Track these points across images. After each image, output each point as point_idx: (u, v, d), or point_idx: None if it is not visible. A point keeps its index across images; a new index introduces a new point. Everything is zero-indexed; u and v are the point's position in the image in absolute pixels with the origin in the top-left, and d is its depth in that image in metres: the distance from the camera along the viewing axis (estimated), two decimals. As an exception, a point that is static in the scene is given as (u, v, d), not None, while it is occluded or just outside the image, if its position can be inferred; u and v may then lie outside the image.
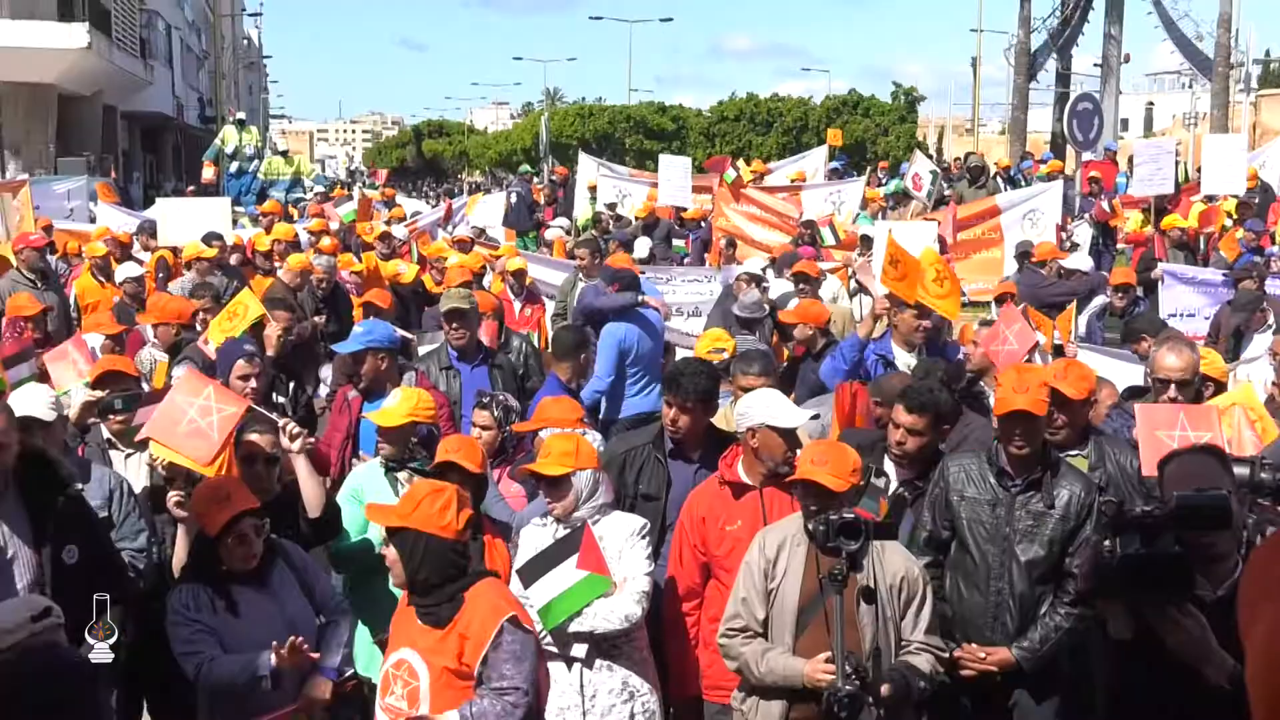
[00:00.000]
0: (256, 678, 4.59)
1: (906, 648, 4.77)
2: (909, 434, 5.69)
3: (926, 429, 5.69)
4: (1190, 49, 33.00)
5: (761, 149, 55.19)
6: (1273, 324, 10.25)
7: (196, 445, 5.34)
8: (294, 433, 5.62)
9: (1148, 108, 72.54)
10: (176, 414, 5.44)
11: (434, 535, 4.30)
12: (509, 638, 4.24)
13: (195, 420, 5.39)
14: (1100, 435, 5.99)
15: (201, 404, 5.43)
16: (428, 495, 4.40)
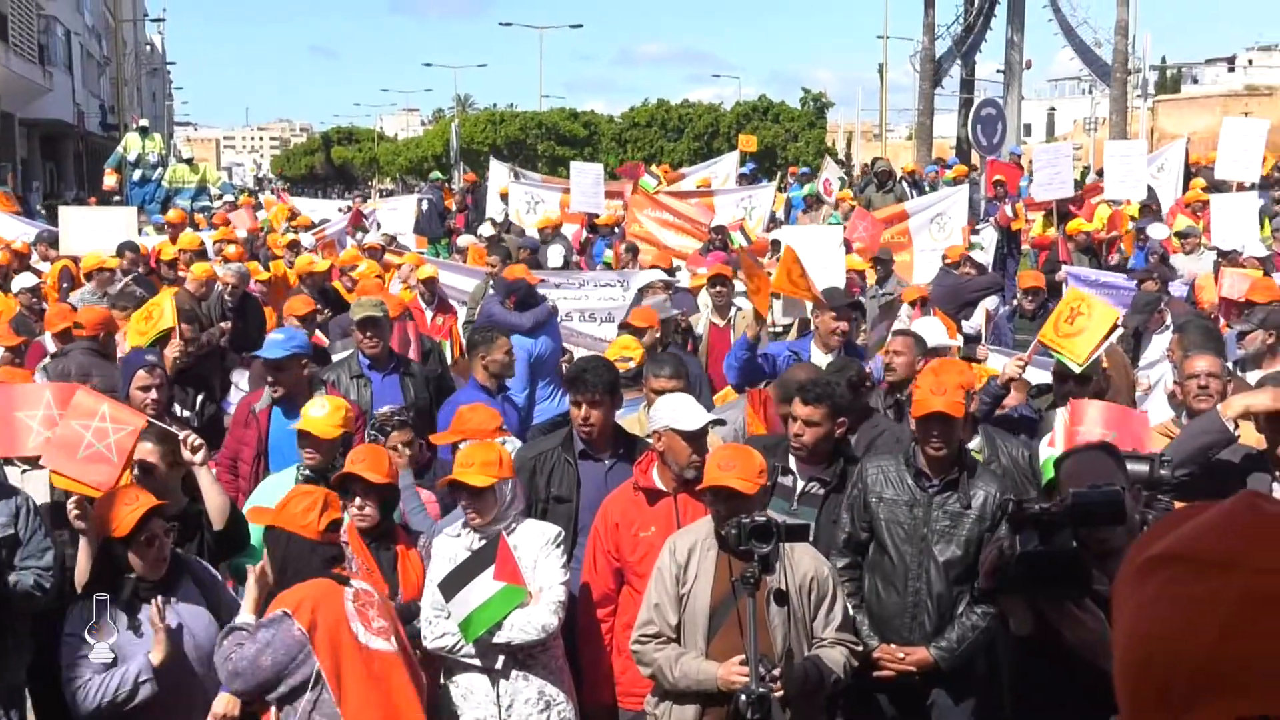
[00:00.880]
0: (136, 685, 4.57)
1: (820, 644, 4.83)
2: (806, 425, 5.67)
3: (823, 420, 5.67)
4: (1089, 55, 33.70)
5: (673, 155, 55.41)
6: (1170, 325, 10.49)
7: (97, 470, 5.17)
8: (194, 444, 5.55)
9: (1050, 113, 74.02)
10: (73, 438, 5.25)
11: (297, 535, 4.54)
12: (264, 626, 4.42)
13: (93, 444, 5.23)
14: (988, 426, 6.13)
15: (98, 426, 5.26)
16: (296, 496, 4.71)
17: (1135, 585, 1.15)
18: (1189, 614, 1.08)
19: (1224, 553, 1.10)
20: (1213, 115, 34.83)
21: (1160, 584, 1.12)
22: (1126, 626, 1.15)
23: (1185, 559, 1.12)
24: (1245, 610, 1.06)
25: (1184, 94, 60.90)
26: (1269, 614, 1.05)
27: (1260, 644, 1.05)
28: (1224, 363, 6.67)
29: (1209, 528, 1.15)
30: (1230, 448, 5.35)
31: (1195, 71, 73.38)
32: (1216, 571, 1.09)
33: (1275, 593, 1.06)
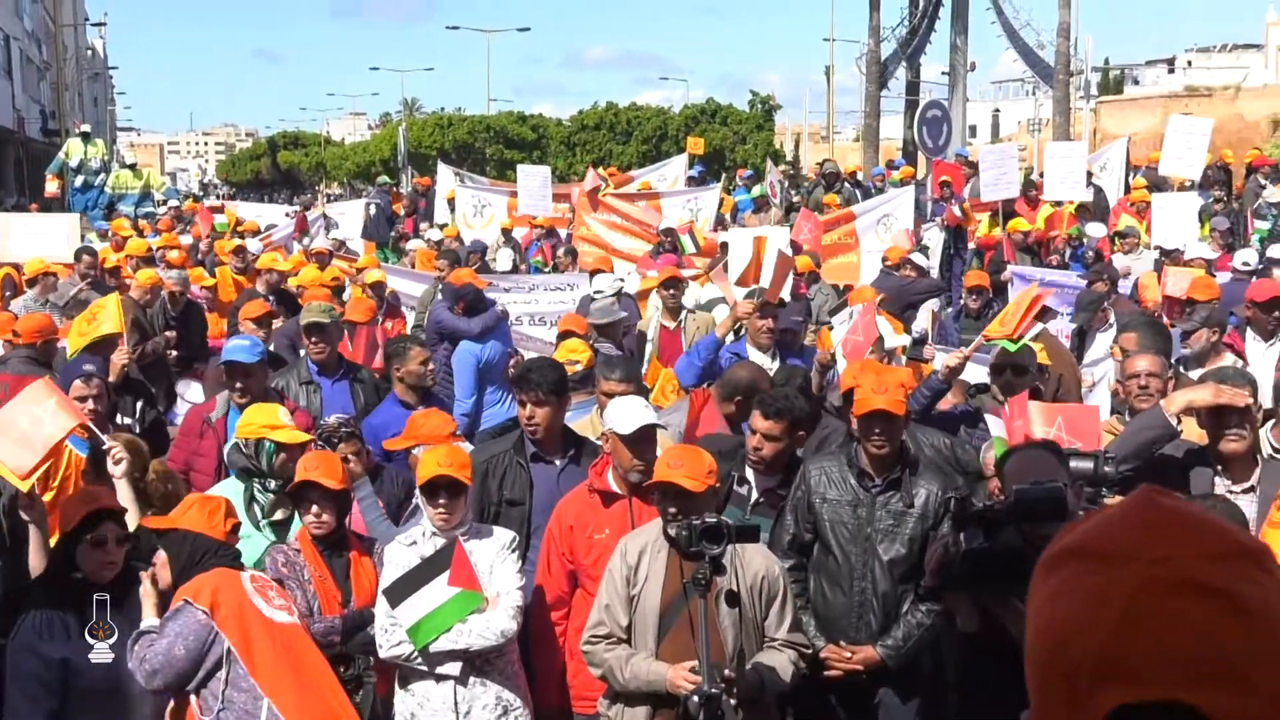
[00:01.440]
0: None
1: (771, 645, 4.86)
2: (765, 440, 5.73)
3: (783, 434, 5.73)
4: (1032, 57, 34.04)
5: (622, 158, 55.39)
6: (1114, 323, 10.62)
7: (20, 455, 5.20)
8: (117, 456, 5.55)
9: (994, 114, 74.73)
10: (12, 419, 5.33)
11: (202, 535, 4.73)
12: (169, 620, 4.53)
13: (26, 430, 5.27)
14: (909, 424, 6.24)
15: (37, 414, 5.34)
16: (199, 501, 4.98)
17: (1042, 579, 1.20)
18: (1090, 604, 1.13)
19: (1122, 546, 1.15)
20: (1154, 116, 35.35)
21: (1064, 577, 1.17)
22: (1035, 619, 1.20)
23: (1087, 553, 1.17)
24: (1141, 598, 1.11)
25: (1126, 95, 61.63)
26: (1162, 601, 1.10)
27: (1155, 630, 1.10)
28: (1165, 361, 6.77)
29: (1109, 523, 1.20)
30: (1173, 443, 5.43)
31: (1136, 73, 74.30)
32: (1115, 563, 1.14)
33: (1168, 580, 1.12)
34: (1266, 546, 1.17)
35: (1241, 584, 1.13)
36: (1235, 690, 1.09)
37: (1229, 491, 5.29)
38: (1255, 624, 1.11)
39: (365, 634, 5.22)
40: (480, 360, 9.41)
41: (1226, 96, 50.18)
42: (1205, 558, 1.14)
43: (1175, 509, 1.20)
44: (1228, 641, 1.10)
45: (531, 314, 13.18)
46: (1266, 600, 1.13)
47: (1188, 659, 1.09)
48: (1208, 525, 1.19)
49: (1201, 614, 1.10)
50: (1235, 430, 5.30)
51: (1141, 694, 1.10)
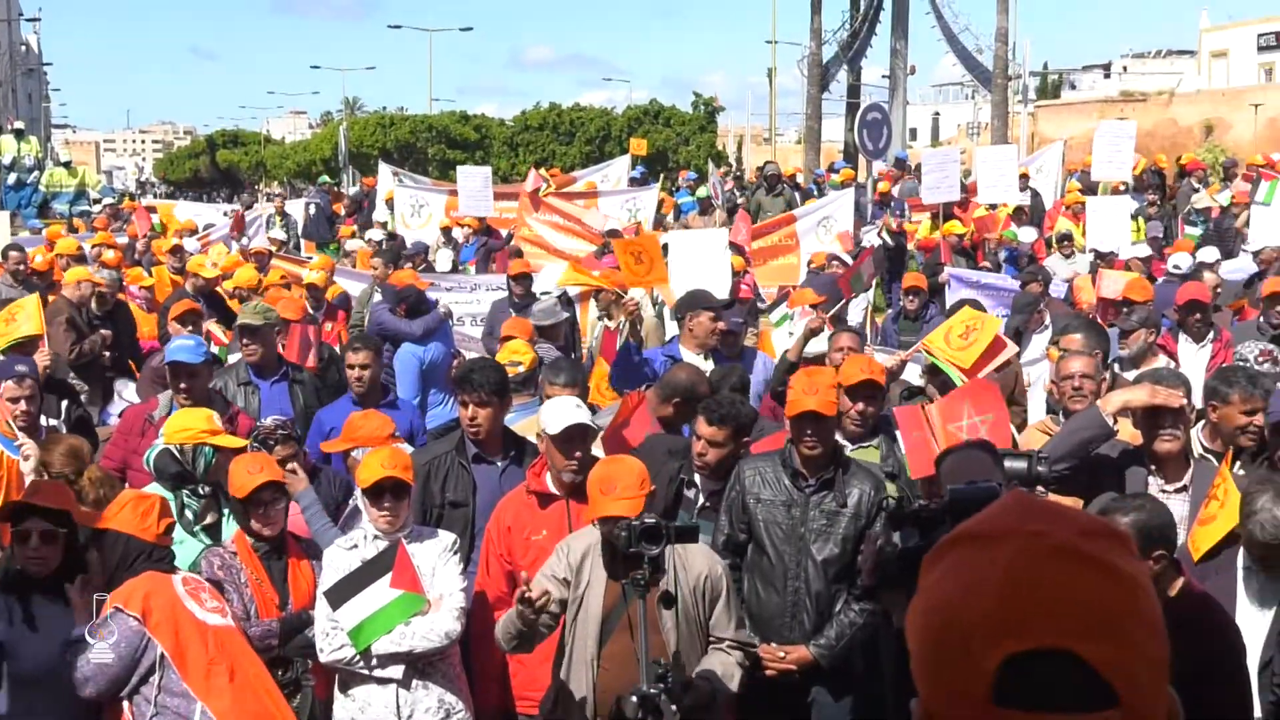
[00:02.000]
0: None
1: (718, 645, 4.86)
2: (710, 446, 5.76)
3: (727, 440, 5.76)
4: (971, 61, 34.37)
5: (565, 158, 55.31)
6: (1049, 325, 10.76)
7: None
8: (26, 453, 5.61)
9: (934, 118, 75.38)
10: None
11: (134, 537, 4.75)
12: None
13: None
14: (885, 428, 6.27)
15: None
16: (133, 500, 4.95)
17: (929, 569, 1.28)
18: (978, 573, 1.21)
19: (1001, 526, 1.25)
20: (1091, 120, 35.81)
21: (952, 560, 1.25)
22: (923, 604, 1.27)
23: (969, 536, 1.26)
24: (1022, 562, 1.19)
25: (1063, 99, 62.41)
26: (1043, 564, 1.19)
27: (1038, 587, 1.18)
28: (1099, 363, 6.86)
29: (988, 513, 1.29)
30: (1109, 443, 5.51)
31: (1074, 78, 75.20)
32: (995, 540, 1.23)
33: (1047, 548, 1.21)
34: (1128, 534, 1.28)
35: (1114, 556, 1.22)
36: (1117, 641, 1.16)
37: (1162, 491, 5.37)
38: (1130, 589, 1.20)
39: (304, 637, 5.18)
40: (423, 362, 9.39)
41: (1161, 101, 50.98)
42: (1080, 533, 1.23)
43: (1045, 501, 1.32)
44: (1108, 599, 1.18)
45: (474, 314, 13.15)
46: (1137, 573, 1.22)
47: (1072, 611, 1.16)
48: (1077, 511, 1.30)
49: (1082, 574, 1.19)
50: (1169, 431, 5.38)
51: (1029, 643, 1.16)
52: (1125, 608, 1.18)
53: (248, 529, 5.32)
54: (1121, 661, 1.16)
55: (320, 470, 6.48)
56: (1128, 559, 1.23)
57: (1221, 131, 46.16)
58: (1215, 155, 33.56)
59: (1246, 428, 5.58)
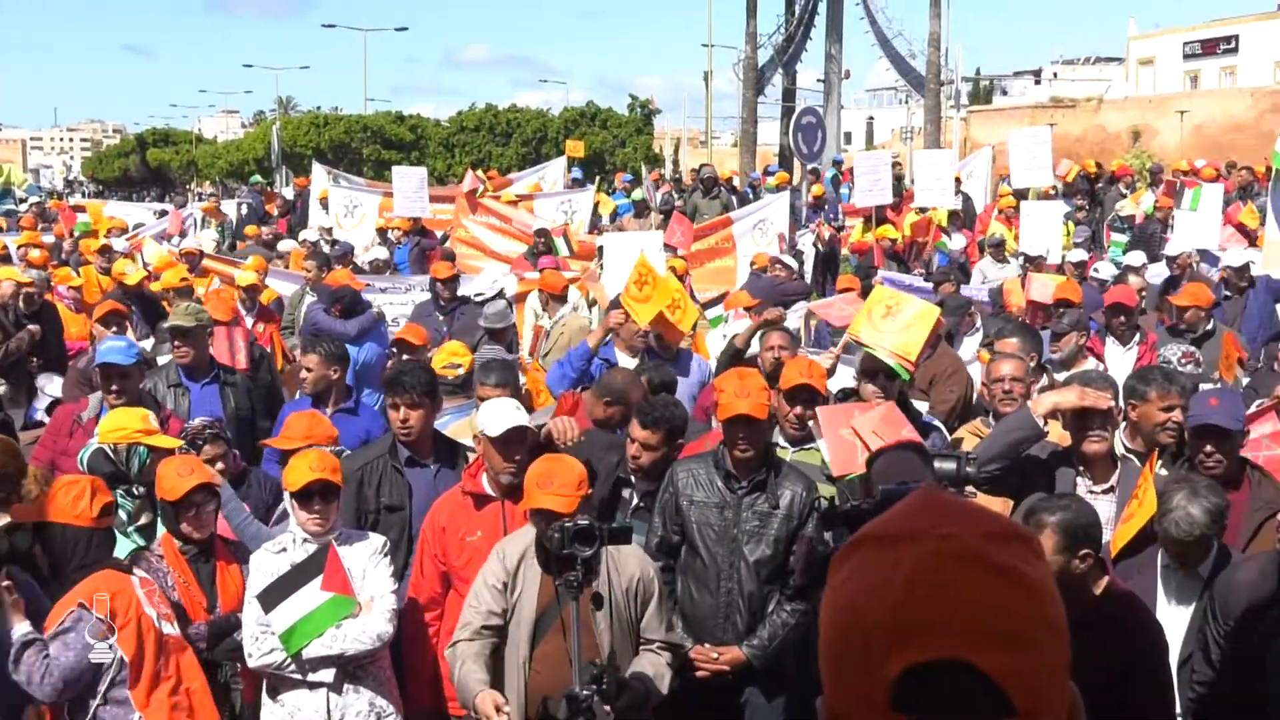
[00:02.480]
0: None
1: (649, 647, 4.88)
2: (644, 449, 5.79)
3: (661, 444, 5.79)
4: (904, 66, 34.72)
5: (501, 159, 55.17)
6: (980, 328, 10.90)
7: None
8: None
9: (869, 122, 76.05)
10: None
11: (71, 526, 4.68)
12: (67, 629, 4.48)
13: None
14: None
15: None
16: (63, 488, 4.85)
17: (837, 568, 1.28)
18: (882, 576, 1.21)
19: (908, 528, 1.24)
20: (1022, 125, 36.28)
21: (857, 560, 1.25)
22: (830, 603, 1.28)
23: (876, 537, 1.26)
24: (927, 567, 1.19)
25: (995, 105, 63.23)
26: (947, 570, 1.19)
27: (940, 595, 1.17)
28: (1028, 365, 6.96)
29: (896, 513, 1.29)
30: (1038, 444, 5.59)
31: (1005, 83, 76.21)
32: (903, 541, 1.22)
33: (953, 553, 1.20)
34: (1035, 535, 1.29)
35: (1019, 560, 1.21)
36: (1016, 651, 1.16)
37: (1090, 492, 5.45)
38: (1033, 595, 1.19)
39: (232, 640, 5.14)
40: (357, 363, 9.33)
41: (1090, 108, 51.79)
42: (986, 537, 1.22)
43: (955, 500, 1.29)
44: (1009, 607, 1.17)
45: (407, 316, 13.06)
46: (1041, 578, 1.22)
47: (971, 621, 1.16)
48: (986, 512, 1.28)
49: (984, 582, 1.18)
50: (1098, 432, 5.47)
51: (927, 654, 1.16)
52: (1026, 615, 1.18)
53: (176, 532, 5.26)
54: (1020, 671, 1.16)
55: (249, 472, 6.43)
56: (1033, 563, 1.23)
57: (1148, 138, 46.97)
58: (1142, 161, 34.13)
59: (1165, 424, 5.69)
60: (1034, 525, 4.18)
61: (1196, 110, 46.91)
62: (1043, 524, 4.17)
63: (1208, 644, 4.38)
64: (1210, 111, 46.41)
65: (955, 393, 8.19)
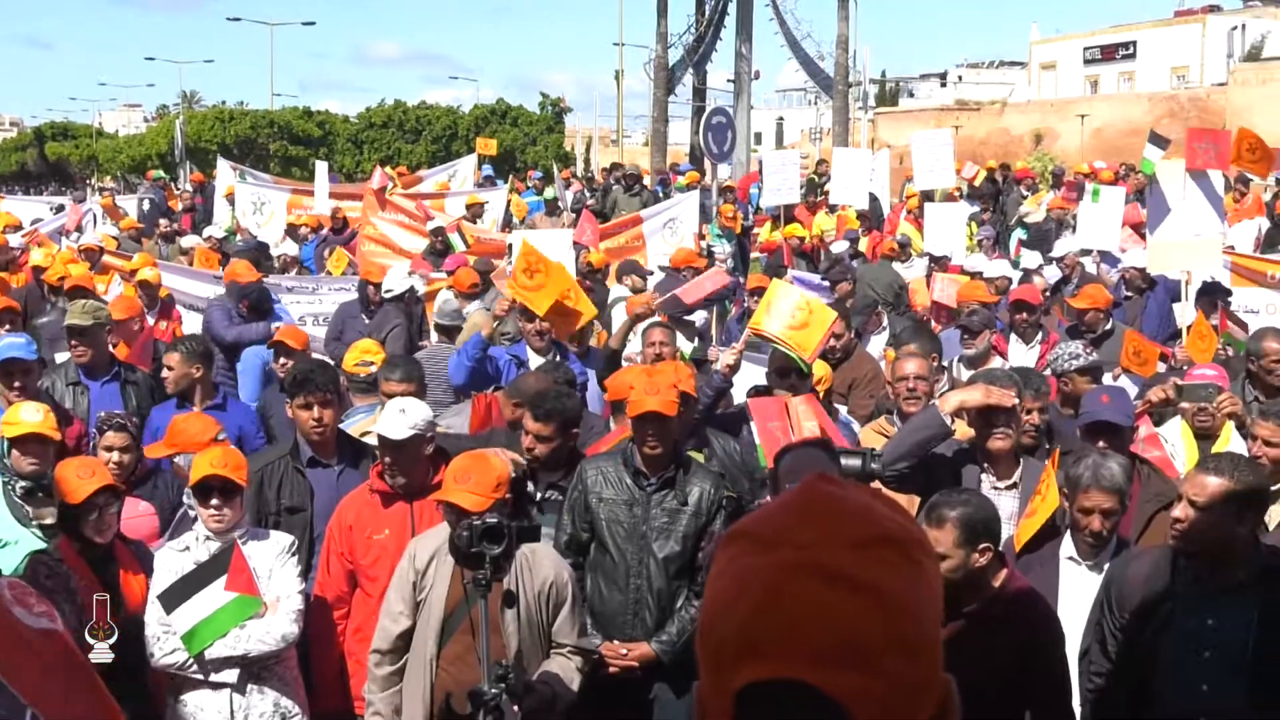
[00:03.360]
0: None
1: (559, 650, 4.88)
2: (538, 440, 5.79)
3: (555, 435, 5.80)
4: (813, 68, 35.07)
5: (411, 156, 54.79)
6: (886, 327, 11.05)
7: None
8: None
9: (779, 122, 76.70)
10: None
11: None
12: None
13: None
14: (704, 426, 6.38)
15: None
16: None
17: (717, 559, 1.26)
18: (740, 583, 1.20)
19: (776, 529, 1.22)
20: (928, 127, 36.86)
21: (728, 558, 1.23)
22: (706, 593, 1.27)
23: (748, 535, 1.24)
24: (780, 581, 1.17)
25: (901, 107, 64.21)
26: (799, 585, 1.17)
27: (787, 612, 1.16)
28: (932, 364, 7.07)
29: (773, 508, 1.27)
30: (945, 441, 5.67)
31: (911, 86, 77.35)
32: (767, 547, 1.21)
33: (808, 566, 1.18)
34: (917, 537, 1.24)
35: (881, 573, 1.18)
36: (861, 672, 1.14)
37: (994, 488, 5.54)
38: (887, 612, 1.17)
39: (139, 642, 5.04)
40: (266, 363, 9.23)
41: (994, 111, 52.80)
42: (849, 545, 1.19)
43: (832, 496, 1.25)
44: (857, 627, 1.15)
45: (315, 314, 12.91)
46: (903, 590, 1.19)
47: (815, 641, 1.15)
48: (860, 514, 1.24)
49: (834, 599, 1.16)
50: (1002, 430, 5.55)
51: (768, 672, 1.15)
52: (876, 635, 1.16)
53: (77, 535, 5.14)
54: (863, 691, 1.14)
55: (157, 473, 6.31)
56: (903, 569, 1.20)
57: (1050, 141, 48.00)
58: (1045, 164, 34.85)
59: (1023, 427, 5.82)
60: (935, 520, 4.25)
61: (1096, 114, 48.04)
62: (943, 519, 4.23)
63: (1104, 636, 4.48)
64: (1109, 115, 47.55)
65: (875, 398, 8.30)
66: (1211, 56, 56.91)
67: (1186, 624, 4.14)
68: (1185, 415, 6.41)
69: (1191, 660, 4.11)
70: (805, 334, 6.74)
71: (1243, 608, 4.06)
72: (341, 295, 12.62)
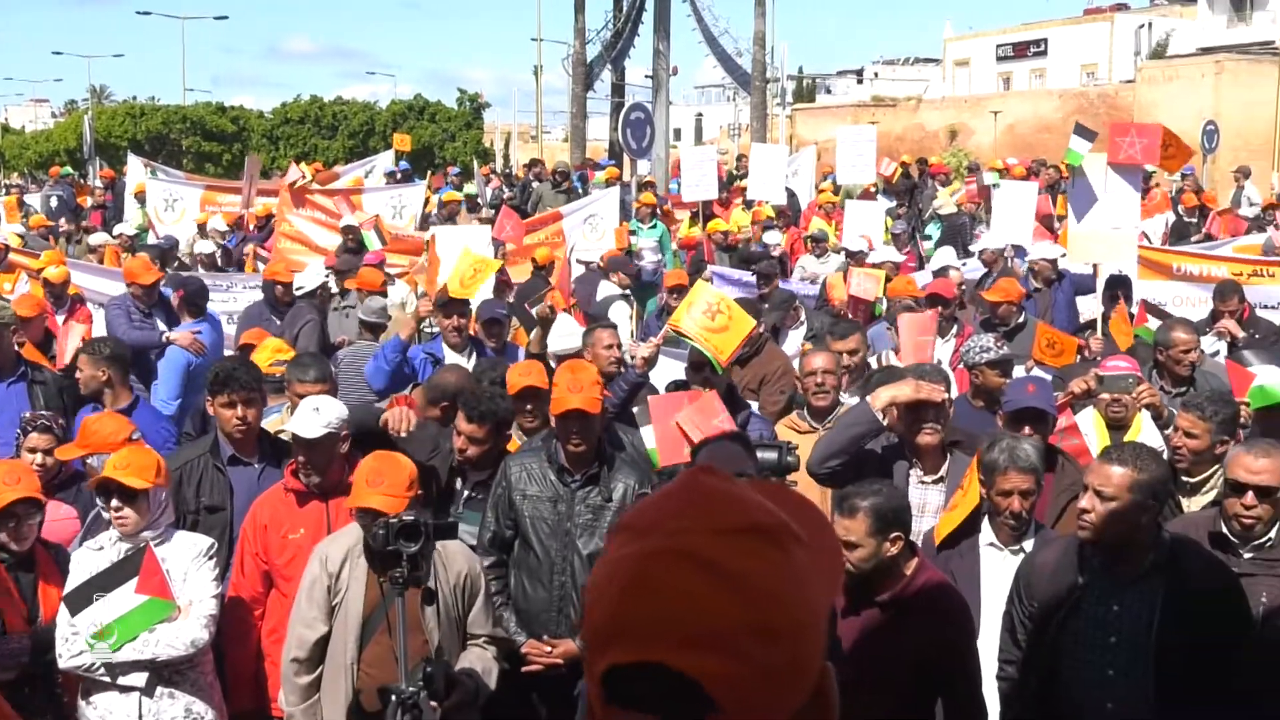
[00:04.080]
0: None
1: (475, 642, 4.88)
2: (470, 442, 5.79)
3: (488, 436, 5.81)
4: (731, 64, 35.19)
5: (327, 153, 54.14)
6: (804, 321, 11.14)
7: None
8: None
9: (698, 118, 76.90)
10: None
11: None
12: None
13: None
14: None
15: None
16: None
17: (605, 549, 1.30)
18: (612, 571, 1.23)
19: (651, 519, 1.26)
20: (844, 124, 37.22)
21: (611, 549, 1.27)
22: (586, 588, 1.31)
23: (628, 527, 1.27)
24: (646, 567, 1.21)
25: (819, 103, 64.67)
26: (664, 570, 1.20)
27: (652, 596, 1.19)
28: (838, 358, 7.15)
29: (654, 499, 1.30)
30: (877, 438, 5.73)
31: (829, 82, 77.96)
32: (641, 535, 1.24)
33: (674, 551, 1.21)
34: (786, 525, 1.25)
35: (745, 559, 1.21)
36: (720, 655, 1.17)
37: (921, 482, 5.63)
38: (749, 597, 1.20)
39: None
40: (190, 363, 9.16)
41: (909, 107, 53.38)
42: (715, 532, 1.22)
43: (708, 486, 1.28)
44: (720, 612, 1.18)
45: (229, 313, 12.74)
46: (767, 576, 1.22)
47: (678, 624, 1.18)
48: (732, 503, 1.26)
49: (698, 584, 1.19)
50: (930, 424, 5.63)
51: (631, 654, 1.19)
52: (735, 619, 1.18)
53: None
54: (723, 674, 1.17)
55: (82, 475, 6.19)
56: (770, 557, 1.23)
57: (965, 137, 48.63)
58: (959, 159, 35.35)
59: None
60: (846, 510, 4.31)
61: (1009, 110, 48.73)
62: (855, 509, 4.30)
63: (1014, 624, 4.57)
64: (1021, 112, 48.27)
65: (786, 394, 8.38)
66: (1120, 54, 58.05)
67: (1093, 611, 4.23)
68: (1098, 406, 6.54)
69: (1098, 646, 4.21)
70: (723, 337, 6.81)
71: (1147, 595, 4.16)
72: (255, 294, 12.48)
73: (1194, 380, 7.40)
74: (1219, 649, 4.06)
